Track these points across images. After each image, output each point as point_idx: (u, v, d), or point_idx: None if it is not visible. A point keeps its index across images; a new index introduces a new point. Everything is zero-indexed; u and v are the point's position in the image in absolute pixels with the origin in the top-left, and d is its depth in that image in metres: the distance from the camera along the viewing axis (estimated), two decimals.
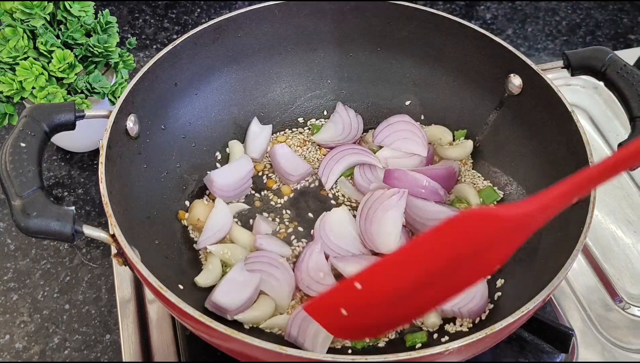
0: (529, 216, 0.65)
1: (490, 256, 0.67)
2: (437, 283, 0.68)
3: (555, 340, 0.88)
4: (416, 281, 0.68)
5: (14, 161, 0.73)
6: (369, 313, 0.71)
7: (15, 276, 0.98)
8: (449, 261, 0.67)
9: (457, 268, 0.67)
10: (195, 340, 0.85)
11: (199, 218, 0.91)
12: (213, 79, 1.01)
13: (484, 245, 0.66)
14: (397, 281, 0.69)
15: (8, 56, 0.97)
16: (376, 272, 0.70)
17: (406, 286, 0.68)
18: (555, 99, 0.89)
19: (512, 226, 0.65)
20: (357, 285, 0.69)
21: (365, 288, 0.69)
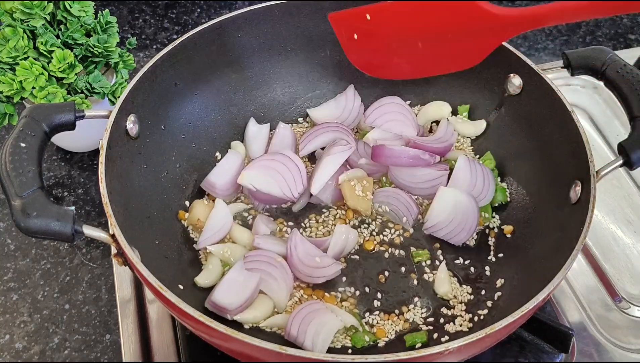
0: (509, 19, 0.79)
1: (473, 43, 0.83)
2: (431, 47, 0.85)
3: (555, 340, 0.88)
4: (414, 32, 0.84)
5: (14, 161, 0.73)
6: (375, 43, 0.88)
7: (15, 276, 0.98)
8: (440, 28, 0.83)
9: (447, 40, 0.84)
10: (195, 340, 0.85)
11: (199, 218, 0.91)
12: (213, 79, 1.01)
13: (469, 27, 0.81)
14: (398, 22, 0.85)
15: (8, 56, 0.97)
16: (382, 9, 0.85)
17: (406, 32, 0.85)
18: (555, 99, 0.89)
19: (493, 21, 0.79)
20: (367, 16, 0.86)
21: (372, 19, 0.85)
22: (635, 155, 0.81)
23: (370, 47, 0.89)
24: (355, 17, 0.87)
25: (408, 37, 0.86)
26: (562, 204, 0.85)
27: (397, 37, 0.86)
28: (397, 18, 0.85)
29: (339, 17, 0.90)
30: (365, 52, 0.90)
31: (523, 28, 0.80)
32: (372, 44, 0.88)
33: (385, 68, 0.92)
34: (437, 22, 0.83)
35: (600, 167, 0.82)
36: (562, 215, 0.84)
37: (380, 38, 0.87)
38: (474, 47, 0.84)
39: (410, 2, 0.83)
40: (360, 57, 0.92)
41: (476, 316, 0.85)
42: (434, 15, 0.82)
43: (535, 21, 0.77)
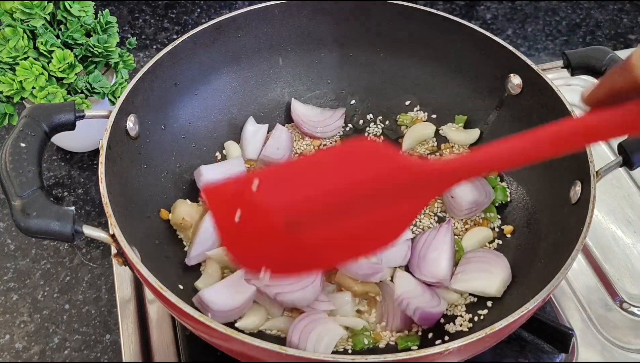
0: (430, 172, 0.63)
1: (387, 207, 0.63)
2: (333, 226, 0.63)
3: (555, 340, 0.88)
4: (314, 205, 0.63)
5: (14, 161, 0.73)
6: (263, 227, 0.64)
7: (15, 276, 0.98)
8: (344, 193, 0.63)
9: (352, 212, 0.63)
10: (195, 340, 0.85)
11: (184, 217, 0.89)
12: (213, 79, 1.01)
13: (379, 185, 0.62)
14: (293, 194, 0.64)
15: (8, 56, 0.97)
16: (274, 174, 0.65)
17: (298, 209, 0.63)
18: (555, 99, 0.89)
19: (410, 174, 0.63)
20: (254, 183, 0.63)
21: (262, 186, 0.63)
22: (635, 155, 0.82)
23: (256, 231, 0.66)
24: (239, 188, 0.67)
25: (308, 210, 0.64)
26: (562, 204, 0.85)
27: (293, 211, 0.64)
28: (296, 181, 0.65)
29: (217, 190, 0.69)
30: (249, 238, 0.67)
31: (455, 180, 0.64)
32: (258, 226, 0.65)
33: (275, 261, 0.68)
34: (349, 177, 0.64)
35: (600, 167, 0.82)
36: (562, 215, 0.84)
37: (270, 216, 0.64)
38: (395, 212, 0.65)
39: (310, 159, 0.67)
40: (243, 247, 0.68)
41: (476, 317, 0.85)
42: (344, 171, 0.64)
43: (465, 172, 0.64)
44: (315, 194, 0.64)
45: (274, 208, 0.64)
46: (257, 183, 0.64)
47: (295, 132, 1.06)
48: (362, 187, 0.63)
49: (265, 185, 0.64)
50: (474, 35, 0.97)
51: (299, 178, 0.65)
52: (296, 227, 0.64)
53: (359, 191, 0.63)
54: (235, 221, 0.65)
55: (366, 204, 0.63)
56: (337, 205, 0.63)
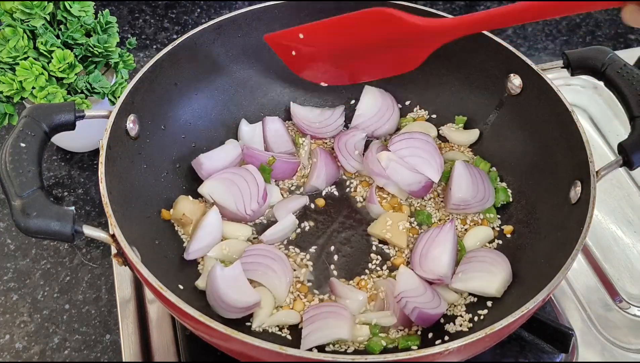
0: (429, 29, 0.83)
1: (405, 51, 0.87)
2: (365, 57, 0.90)
3: (555, 340, 0.88)
4: (345, 45, 0.89)
5: (14, 161, 0.73)
6: (312, 57, 0.93)
7: (15, 276, 0.98)
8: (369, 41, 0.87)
9: (378, 51, 0.88)
10: (195, 340, 0.85)
11: (184, 213, 0.90)
12: (213, 79, 1.01)
13: (396, 37, 0.85)
14: (328, 38, 0.90)
15: (8, 56, 0.97)
16: (312, 28, 0.90)
17: (337, 46, 0.90)
18: (555, 99, 0.89)
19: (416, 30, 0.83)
20: (300, 35, 0.91)
21: (305, 37, 0.91)
22: (635, 155, 0.81)
23: (309, 61, 0.94)
24: (290, 37, 0.92)
25: (340, 50, 0.91)
26: (562, 204, 0.85)
27: (330, 50, 0.92)
28: (327, 34, 0.90)
29: (275, 37, 0.94)
30: (304, 65, 0.95)
31: (449, 37, 0.83)
32: (309, 58, 0.94)
33: (327, 76, 0.96)
34: (365, 35, 0.87)
35: (600, 167, 0.82)
36: (562, 215, 0.84)
37: (315, 53, 0.93)
38: (408, 54, 0.88)
39: (336, 20, 0.88)
40: (302, 69, 0.96)
41: (476, 317, 0.84)
42: (361, 30, 0.87)
43: (458, 29, 0.81)
44: (345, 41, 0.89)
45: (320, 50, 0.92)
46: (302, 35, 0.91)
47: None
48: (382, 36, 0.86)
49: (308, 35, 0.91)
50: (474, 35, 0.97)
51: (332, 31, 0.90)
52: (339, 59, 0.93)
53: (379, 39, 0.87)
54: (292, 55, 0.94)
55: (386, 47, 0.87)
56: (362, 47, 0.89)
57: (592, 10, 0.78)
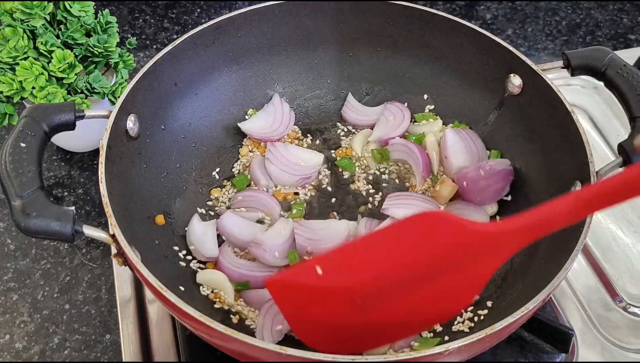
0: (499, 235, 0.62)
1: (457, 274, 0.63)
2: (404, 298, 0.63)
3: (555, 340, 0.88)
4: (378, 281, 0.63)
5: (14, 161, 0.73)
6: (331, 310, 0.64)
7: (15, 276, 0.98)
8: (412, 266, 0.63)
9: (422, 282, 0.63)
10: (195, 340, 0.85)
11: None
12: (213, 79, 1.01)
13: (447, 255, 0.62)
14: (358, 273, 0.63)
15: (8, 56, 0.97)
16: (337, 257, 0.64)
17: (368, 286, 0.63)
18: (555, 99, 0.89)
19: (479, 240, 0.62)
20: (318, 270, 0.63)
21: (326, 273, 0.62)
22: (635, 156, 0.81)
23: (328, 317, 0.65)
24: (303, 276, 0.65)
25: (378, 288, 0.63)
26: None
27: (364, 291, 0.64)
28: (359, 262, 0.64)
29: (280, 281, 0.68)
30: (322, 322, 0.66)
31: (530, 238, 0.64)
32: (330, 311, 0.65)
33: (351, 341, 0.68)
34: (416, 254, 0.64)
35: (601, 167, 0.82)
36: None
37: (339, 298, 0.64)
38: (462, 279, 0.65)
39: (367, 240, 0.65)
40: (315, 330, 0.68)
41: (476, 317, 0.84)
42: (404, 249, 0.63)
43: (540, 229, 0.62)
44: (381, 270, 0.64)
45: (346, 288, 0.64)
46: (320, 270, 0.64)
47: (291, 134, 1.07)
48: (429, 257, 0.63)
49: (330, 269, 0.64)
50: (474, 35, 0.97)
51: (363, 256, 0.65)
52: (367, 303, 0.64)
53: (425, 262, 0.63)
54: (303, 309, 0.66)
55: (434, 272, 0.64)
56: (404, 276, 0.63)
57: None
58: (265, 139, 1.03)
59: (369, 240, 0.67)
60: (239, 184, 0.98)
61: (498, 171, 0.93)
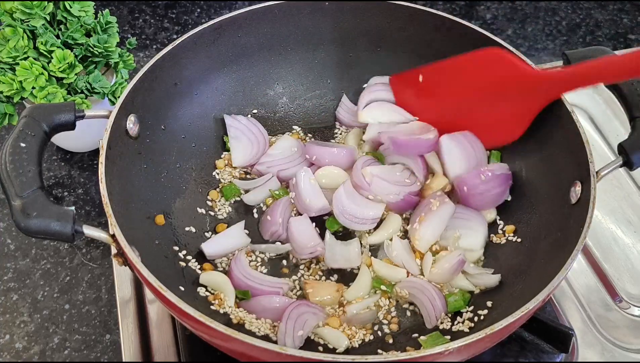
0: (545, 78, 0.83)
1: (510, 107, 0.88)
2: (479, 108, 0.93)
3: (555, 340, 0.88)
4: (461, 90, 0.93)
5: (14, 161, 0.73)
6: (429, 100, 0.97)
7: (15, 276, 0.98)
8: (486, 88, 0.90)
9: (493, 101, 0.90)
10: (195, 340, 0.85)
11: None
12: (213, 79, 1.01)
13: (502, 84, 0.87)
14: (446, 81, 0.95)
15: (8, 56, 0.97)
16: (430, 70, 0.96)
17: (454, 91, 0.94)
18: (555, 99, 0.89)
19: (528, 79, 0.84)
20: (419, 78, 0.97)
21: (425, 78, 0.96)
22: (635, 155, 0.82)
23: (425, 102, 0.98)
24: (411, 77, 0.99)
25: (457, 96, 0.94)
26: (562, 204, 0.85)
27: (447, 96, 0.95)
28: (445, 78, 0.94)
29: (400, 77, 1.02)
30: (419, 105, 0.99)
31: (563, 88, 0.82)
32: (426, 100, 0.98)
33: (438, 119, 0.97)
34: (477, 78, 0.90)
35: (600, 167, 0.82)
36: (562, 215, 0.84)
37: (433, 95, 0.97)
38: (515, 110, 0.89)
39: (450, 61, 0.92)
40: (415, 107, 1.00)
41: (476, 317, 0.85)
42: (474, 72, 0.90)
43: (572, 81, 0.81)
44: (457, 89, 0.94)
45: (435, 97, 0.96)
46: (421, 77, 0.97)
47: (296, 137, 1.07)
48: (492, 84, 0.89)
49: (426, 79, 0.97)
50: (474, 35, 0.97)
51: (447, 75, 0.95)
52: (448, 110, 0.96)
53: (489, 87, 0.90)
54: (410, 97, 0.99)
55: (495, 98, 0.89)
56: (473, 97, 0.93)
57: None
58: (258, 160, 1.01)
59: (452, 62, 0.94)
60: (228, 194, 0.98)
61: (497, 175, 0.93)
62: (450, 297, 0.86)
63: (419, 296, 0.86)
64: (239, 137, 1.01)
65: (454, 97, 0.95)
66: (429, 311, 0.84)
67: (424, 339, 0.81)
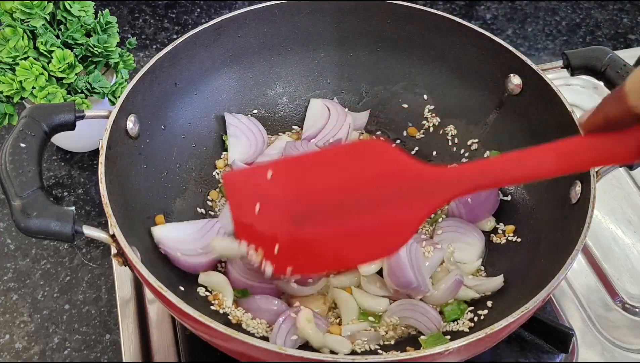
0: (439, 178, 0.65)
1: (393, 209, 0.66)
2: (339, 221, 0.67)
3: (555, 340, 0.88)
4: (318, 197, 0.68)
5: (14, 161, 0.73)
6: (270, 215, 0.69)
7: (15, 276, 0.98)
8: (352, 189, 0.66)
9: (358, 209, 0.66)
10: (195, 340, 0.85)
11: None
12: (213, 79, 1.01)
13: (386, 185, 0.66)
14: (302, 185, 0.69)
15: (8, 56, 0.97)
16: (287, 166, 0.71)
17: (308, 198, 0.68)
18: (555, 99, 0.89)
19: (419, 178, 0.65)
20: (268, 173, 0.69)
21: (275, 178, 0.69)
22: None
23: (268, 220, 0.70)
24: (255, 175, 0.73)
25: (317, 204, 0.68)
26: (562, 204, 0.85)
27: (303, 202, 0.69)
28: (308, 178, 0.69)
29: (234, 178, 0.77)
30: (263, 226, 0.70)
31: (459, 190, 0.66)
32: (270, 213, 0.70)
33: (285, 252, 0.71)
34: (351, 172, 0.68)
35: (600, 167, 0.82)
36: (562, 215, 0.84)
37: (287, 204, 0.69)
38: (400, 216, 0.67)
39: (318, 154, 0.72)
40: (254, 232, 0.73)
41: (476, 317, 0.84)
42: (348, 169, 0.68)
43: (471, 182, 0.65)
44: (324, 188, 0.68)
45: (286, 198, 0.69)
46: (270, 174, 0.69)
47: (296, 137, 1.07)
48: (370, 184, 0.67)
49: (278, 174, 0.69)
50: (474, 35, 0.97)
51: (310, 171, 0.70)
52: (304, 219, 0.68)
53: (366, 188, 0.67)
54: (248, 208, 0.71)
55: (372, 203, 0.66)
56: (344, 200, 0.67)
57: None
58: (255, 160, 1.00)
59: (318, 157, 0.72)
60: None
61: None
62: (446, 307, 0.85)
63: (411, 315, 0.83)
64: (238, 135, 1.01)
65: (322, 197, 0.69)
66: (427, 324, 0.82)
67: (424, 339, 0.81)
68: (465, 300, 0.86)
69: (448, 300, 0.85)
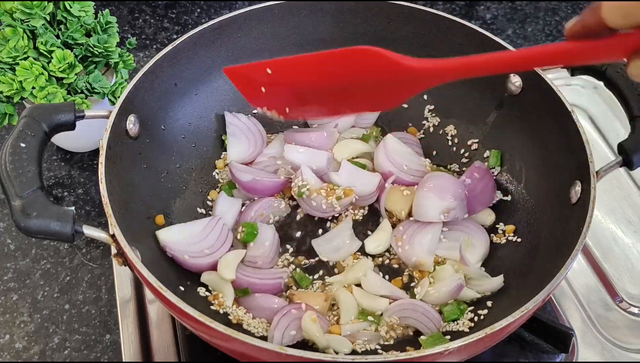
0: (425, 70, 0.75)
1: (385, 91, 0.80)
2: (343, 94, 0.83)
3: (555, 340, 0.88)
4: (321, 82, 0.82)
5: (14, 161, 0.73)
6: (282, 93, 0.86)
7: (15, 276, 0.98)
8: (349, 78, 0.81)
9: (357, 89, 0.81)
10: (195, 340, 0.85)
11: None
12: (213, 79, 1.01)
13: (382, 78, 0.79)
14: (302, 74, 0.83)
15: (8, 56, 0.97)
16: (283, 63, 0.84)
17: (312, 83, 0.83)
18: (555, 99, 0.89)
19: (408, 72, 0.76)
20: (267, 70, 0.84)
21: (273, 73, 0.84)
22: (635, 155, 0.81)
23: (278, 97, 0.86)
24: (256, 72, 0.85)
25: (315, 87, 0.84)
26: (562, 204, 0.85)
27: (303, 87, 0.84)
28: (300, 71, 0.83)
29: (236, 71, 0.88)
30: (273, 100, 0.87)
31: (440, 79, 0.75)
32: (279, 94, 0.86)
33: (298, 111, 0.88)
34: (344, 72, 0.81)
35: (600, 167, 0.82)
36: (562, 215, 0.84)
37: (286, 88, 0.85)
38: (391, 92, 0.81)
39: (312, 57, 0.82)
40: (269, 104, 0.88)
41: (476, 317, 0.84)
42: (342, 69, 0.80)
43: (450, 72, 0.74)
44: (319, 78, 0.83)
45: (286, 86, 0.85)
46: (270, 71, 0.84)
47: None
48: (361, 74, 0.80)
49: (277, 72, 0.84)
50: (474, 35, 0.97)
51: (306, 66, 0.83)
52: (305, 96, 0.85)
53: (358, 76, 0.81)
54: (256, 91, 0.87)
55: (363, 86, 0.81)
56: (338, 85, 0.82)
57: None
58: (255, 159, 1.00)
59: (312, 57, 0.83)
60: (228, 194, 0.97)
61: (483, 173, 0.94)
62: (446, 307, 0.84)
63: (411, 315, 0.83)
64: (238, 135, 1.00)
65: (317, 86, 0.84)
66: (427, 324, 0.83)
67: (424, 339, 0.81)
68: (465, 300, 0.86)
69: (447, 301, 0.85)
